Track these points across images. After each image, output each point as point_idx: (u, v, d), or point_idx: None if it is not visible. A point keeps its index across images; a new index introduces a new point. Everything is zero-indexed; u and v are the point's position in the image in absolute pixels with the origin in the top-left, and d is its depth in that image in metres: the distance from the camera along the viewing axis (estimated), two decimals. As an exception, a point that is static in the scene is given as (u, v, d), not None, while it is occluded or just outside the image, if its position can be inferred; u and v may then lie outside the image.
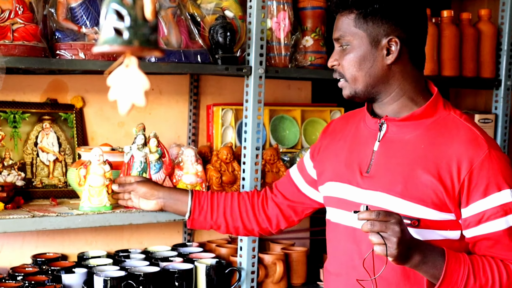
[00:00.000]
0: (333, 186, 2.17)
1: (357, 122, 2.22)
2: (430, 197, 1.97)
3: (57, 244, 3.05)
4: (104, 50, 0.98)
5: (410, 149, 2.04)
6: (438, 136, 2.04)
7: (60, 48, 2.58)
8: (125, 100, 0.98)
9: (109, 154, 2.79)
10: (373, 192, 2.04)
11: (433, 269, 1.88)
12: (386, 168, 2.05)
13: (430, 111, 2.07)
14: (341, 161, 2.17)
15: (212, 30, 2.82)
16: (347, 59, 2.06)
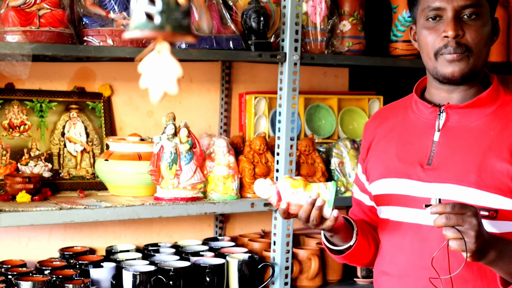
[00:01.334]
0: (387, 183, 2.08)
1: (402, 113, 2.14)
2: (508, 185, 1.91)
3: (85, 238, 3.08)
4: (135, 35, 0.98)
5: (478, 137, 1.97)
6: (507, 122, 1.99)
7: (88, 34, 2.59)
8: (157, 88, 0.99)
9: (138, 145, 2.81)
10: (441, 184, 1.95)
11: (509, 266, 1.84)
12: (454, 158, 1.98)
13: (493, 96, 2.02)
14: (391, 156, 2.08)
15: (245, 14, 2.81)
16: (479, 31, 1.96)
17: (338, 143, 3.16)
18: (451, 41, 1.94)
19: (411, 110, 2.10)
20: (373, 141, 2.20)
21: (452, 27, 1.93)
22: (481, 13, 1.97)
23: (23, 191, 2.61)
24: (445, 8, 1.96)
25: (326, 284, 3.09)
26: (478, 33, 1.96)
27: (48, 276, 2.57)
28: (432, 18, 1.99)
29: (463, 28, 1.95)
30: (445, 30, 1.94)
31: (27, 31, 2.45)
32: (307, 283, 3.01)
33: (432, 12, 1.98)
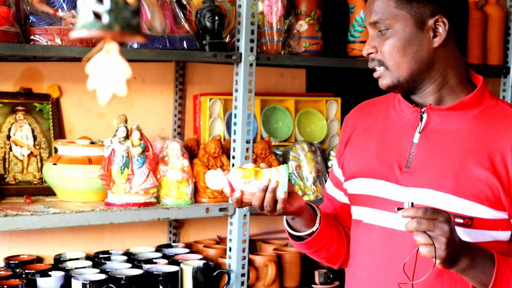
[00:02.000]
0: (364, 183, 2.08)
1: (384, 111, 2.14)
2: (485, 193, 1.92)
3: (32, 246, 3.05)
4: (82, 35, 0.97)
5: (458, 141, 1.98)
6: (489, 127, 2.00)
7: (35, 33, 2.57)
8: (105, 89, 0.98)
9: (88, 148, 2.80)
10: (417, 189, 1.96)
11: (481, 275, 1.84)
12: (432, 162, 1.98)
13: (477, 100, 2.02)
14: (371, 155, 2.07)
15: (199, 13, 2.81)
16: (389, 45, 1.98)
17: (295, 146, 3.17)
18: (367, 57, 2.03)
19: (394, 108, 2.10)
20: (351, 135, 2.20)
21: (365, 45, 2.01)
22: (392, 25, 1.97)
23: (-34, 197, 2.59)
24: (367, 25, 2.04)
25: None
26: (388, 46, 1.98)
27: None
28: None
29: (377, 43, 2.00)
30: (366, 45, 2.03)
31: (-30, 30, 2.43)
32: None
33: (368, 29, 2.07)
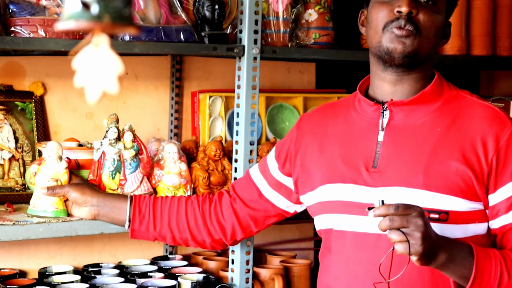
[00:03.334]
0: (331, 189, 2.15)
1: (343, 112, 2.24)
2: (458, 184, 2.01)
3: (14, 258, 3.05)
4: (69, 26, 0.97)
5: (424, 134, 2.08)
6: (454, 117, 2.11)
7: (16, 24, 2.57)
8: (95, 86, 0.98)
9: (75, 151, 2.80)
10: (388, 188, 2.05)
11: (461, 269, 1.91)
12: (400, 159, 2.07)
13: (438, 91, 2.14)
14: (335, 159, 2.17)
15: (198, 2, 2.81)
16: (432, 16, 2.08)
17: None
18: (403, 16, 2.04)
19: (354, 109, 2.20)
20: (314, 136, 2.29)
21: (406, 3, 2.03)
22: (438, 3, 2.10)
23: None
24: None
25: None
26: (431, 16, 2.08)
27: (-28, 303, 2.55)
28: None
29: (417, 8, 2.06)
30: (400, 5, 2.05)
31: None
32: (269, 306, 3.02)
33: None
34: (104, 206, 2.46)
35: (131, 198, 2.47)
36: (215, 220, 2.44)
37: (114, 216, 2.47)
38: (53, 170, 2.56)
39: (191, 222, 2.45)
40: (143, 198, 2.48)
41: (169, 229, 2.45)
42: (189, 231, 2.45)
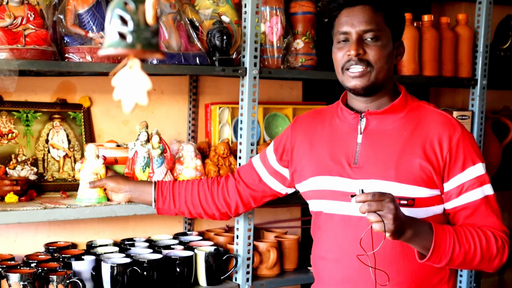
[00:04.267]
0: (321, 180, 2.17)
1: (329, 118, 2.24)
2: (421, 176, 2.03)
3: (67, 234, 3.05)
4: (109, 53, 0.97)
5: (394, 137, 2.08)
6: (416, 123, 2.12)
7: (69, 51, 2.57)
8: (129, 99, 0.98)
9: (114, 150, 2.80)
10: (366, 180, 2.06)
11: (423, 241, 1.93)
12: (375, 157, 2.07)
13: (404, 103, 2.15)
14: (324, 156, 2.17)
15: (210, 34, 2.81)
16: (378, 52, 2.07)
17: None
18: (353, 59, 2.06)
19: (337, 116, 2.21)
20: (305, 136, 2.30)
21: (354, 47, 2.06)
22: (381, 37, 2.09)
23: (11, 192, 2.59)
24: (350, 32, 2.09)
25: (283, 273, 3.09)
26: (378, 51, 2.08)
27: (34, 269, 2.54)
28: (342, 41, 2.12)
29: (364, 48, 2.07)
30: (349, 49, 2.07)
31: (14, 49, 2.43)
32: (266, 272, 3.01)
33: (341, 35, 2.12)
34: (135, 191, 2.49)
35: (155, 184, 2.50)
36: (222, 198, 2.46)
37: (143, 198, 2.50)
38: (93, 166, 2.57)
39: (202, 200, 2.46)
40: (164, 183, 2.51)
41: (185, 206, 2.47)
42: (201, 207, 2.47)
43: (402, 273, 2.04)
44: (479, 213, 2.05)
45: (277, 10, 2.95)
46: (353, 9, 2.09)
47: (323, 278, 2.18)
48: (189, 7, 2.88)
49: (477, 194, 2.05)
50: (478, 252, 1.97)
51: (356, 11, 2.08)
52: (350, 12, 2.09)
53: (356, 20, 2.07)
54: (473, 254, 1.97)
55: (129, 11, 0.96)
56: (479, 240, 1.98)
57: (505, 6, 4.00)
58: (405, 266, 2.04)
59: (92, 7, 2.65)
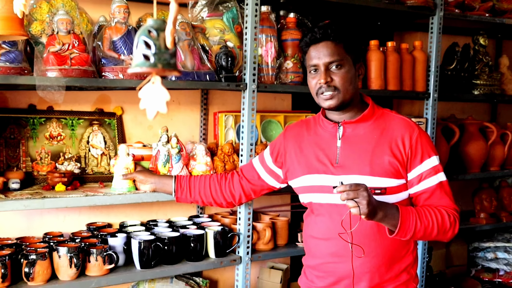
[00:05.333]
0: (311, 178, 2.17)
1: (313, 128, 2.24)
2: (390, 170, 2.04)
3: (104, 216, 3.05)
4: (136, 71, 0.97)
5: (367, 140, 2.09)
6: (383, 127, 2.12)
7: (105, 70, 2.58)
8: (152, 109, 0.98)
9: (141, 149, 2.80)
10: (347, 176, 2.06)
11: (392, 220, 1.94)
12: (352, 157, 2.08)
13: (372, 112, 2.15)
14: (311, 158, 2.18)
15: (217, 56, 2.81)
16: (343, 77, 2.08)
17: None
18: (323, 86, 2.08)
19: (320, 125, 2.21)
20: (294, 142, 2.29)
21: (323, 77, 2.07)
22: (343, 64, 2.09)
23: (60, 183, 2.60)
24: (318, 64, 2.10)
25: (276, 247, 3.09)
26: (342, 76, 2.09)
27: (79, 244, 2.55)
28: (313, 71, 2.12)
29: (331, 76, 2.08)
30: (319, 79, 2.08)
31: (62, 69, 2.44)
32: (263, 246, 3.00)
33: (312, 67, 2.12)
34: (159, 183, 2.48)
35: (175, 178, 2.48)
36: (228, 191, 2.45)
37: (165, 189, 2.48)
38: (124, 162, 2.58)
39: (213, 192, 2.45)
40: (182, 177, 2.49)
41: (199, 196, 2.46)
42: (212, 197, 2.46)
43: (377, 247, 2.05)
44: (435, 195, 2.07)
45: (271, 38, 2.95)
46: (318, 45, 2.09)
47: (314, 253, 2.18)
48: (201, 35, 2.88)
49: (433, 181, 2.07)
50: (435, 226, 1.99)
51: (320, 46, 2.09)
52: (316, 48, 2.10)
53: (322, 53, 2.08)
54: (431, 228, 1.98)
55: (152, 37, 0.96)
56: (436, 217, 2.00)
57: (451, 35, 4.01)
58: (379, 241, 2.05)
59: (123, 36, 2.65)
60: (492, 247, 4.06)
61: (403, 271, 2.09)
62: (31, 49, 2.56)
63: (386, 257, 2.06)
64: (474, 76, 3.78)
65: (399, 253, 2.09)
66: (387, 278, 2.06)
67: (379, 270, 2.05)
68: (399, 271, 2.08)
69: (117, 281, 2.55)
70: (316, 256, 2.18)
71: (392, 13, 3.32)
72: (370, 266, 2.05)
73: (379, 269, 2.05)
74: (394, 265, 2.07)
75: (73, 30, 2.56)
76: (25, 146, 2.78)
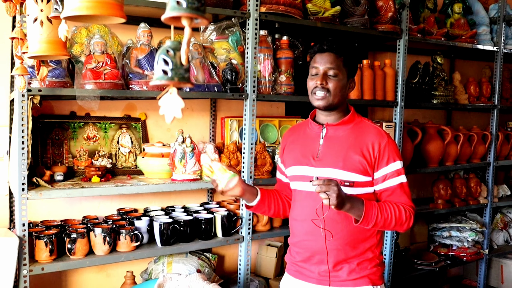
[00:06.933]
0: (296, 168, 2.15)
1: (303, 129, 2.22)
2: (359, 168, 2.01)
3: (131, 202, 3.03)
4: (156, 84, 0.95)
5: (344, 141, 2.07)
6: (359, 132, 2.09)
7: (132, 83, 2.57)
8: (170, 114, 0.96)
9: (161, 148, 2.78)
10: (324, 168, 2.04)
11: (358, 211, 1.91)
12: (330, 153, 2.06)
13: (351, 118, 2.12)
14: (298, 153, 2.15)
15: (224, 71, 2.79)
16: (336, 84, 2.05)
17: (279, 146, 3.14)
18: (318, 86, 2.05)
19: (308, 127, 2.19)
20: (286, 145, 2.26)
21: (320, 79, 2.05)
22: (339, 74, 2.06)
23: (95, 175, 2.59)
24: (319, 68, 2.07)
25: (272, 229, 3.07)
26: (335, 84, 2.05)
27: (111, 225, 2.54)
28: (313, 74, 2.09)
29: (327, 81, 2.05)
30: (317, 80, 2.05)
31: (97, 82, 2.43)
32: (261, 228, 2.99)
33: (313, 69, 2.09)
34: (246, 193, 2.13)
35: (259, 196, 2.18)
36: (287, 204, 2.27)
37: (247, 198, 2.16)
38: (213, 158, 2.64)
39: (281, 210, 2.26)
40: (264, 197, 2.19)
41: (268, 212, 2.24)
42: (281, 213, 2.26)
43: (342, 230, 2.02)
44: (396, 194, 2.03)
45: (268, 56, 2.93)
46: (323, 54, 2.07)
47: (295, 232, 2.17)
48: (210, 54, 2.87)
49: (395, 181, 2.03)
50: (393, 219, 1.97)
51: (325, 55, 2.07)
52: (321, 55, 2.08)
53: (324, 61, 2.06)
54: (390, 220, 1.96)
55: (170, 56, 0.94)
56: (394, 211, 1.97)
57: (414, 55, 4.01)
58: (345, 225, 2.02)
59: (147, 55, 2.64)
60: (447, 227, 4.06)
61: (367, 250, 2.07)
62: (73, 66, 2.55)
63: (351, 239, 2.04)
64: (433, 88, 3.77)
65: (363, 235, 2.06)
66: (352, 255, 2.04)
67: (344, 248, 2.03)
68: (363, 250, 2.06)
69: (142, 256, 2.54)
70: (295, 235, 2.16)
71: (367, 37, 3.31)
72: (337, 244, 2.02)
73: (344, 247, 2.03)
74: (359, 244, 2.05)
75: (106, 51, 2.55)
76: (67, 145, 2.77)
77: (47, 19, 1.35)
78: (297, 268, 2.14)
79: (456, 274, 4.59)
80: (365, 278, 2.03)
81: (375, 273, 2.07)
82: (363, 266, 2.05)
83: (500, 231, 4.43)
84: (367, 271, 2.04)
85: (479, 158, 4.05)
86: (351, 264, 2.03)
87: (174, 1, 0.89)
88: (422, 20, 3.73)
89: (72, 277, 2.86)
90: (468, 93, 4.08)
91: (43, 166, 2.62)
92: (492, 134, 4.07)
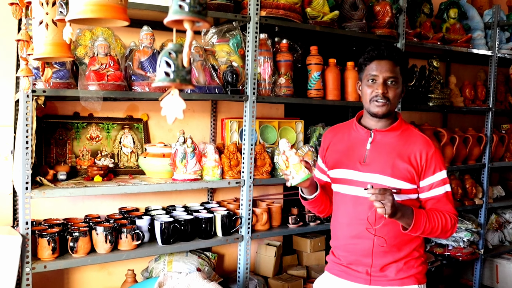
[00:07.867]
0: (341, 171, 2.11)
1: (347, 131, 2.16)
2: (407, 176, 2.01)
3: (133, 201, 3.03)
4: (159, 85, 0.96)
5: (392, 148, 2.05)
6: (406, 140, 2.07)
7: (134, 85, 2.57)
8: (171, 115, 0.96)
9: (163, 148, 2.78)
10: (370, 174, 2.02)
11: (407, 220, 1.91)
12: (378, 159, 2.03)
13: (400, 125, 2.10)
14: (343, 155, 2.12)
15: (224, 74, 2.80)
16: (395, 93, 2.04)
17: (278, 147, 3.15)
18: (379, 95, 2.02)
19: (353, 130, 2.15)
20: (330, 144, 2.22)
21: (381, 88, 2.02)
22: (397, 82, 2.05)
23: (97, 175, 2.59)
24: (378, 76, 2.04)
25: (271, 228, 3.07)
26: (395, 92, 2.04)
27: (112, 224, 2.54)
28: (371, 81, 2.06)
29: (387, 89, 2.03)
30: (377, 88, 2.03)
31: (100, 84, 2.44)
32: (260, 227, 2.99)
33: (370, 77, 2.05)
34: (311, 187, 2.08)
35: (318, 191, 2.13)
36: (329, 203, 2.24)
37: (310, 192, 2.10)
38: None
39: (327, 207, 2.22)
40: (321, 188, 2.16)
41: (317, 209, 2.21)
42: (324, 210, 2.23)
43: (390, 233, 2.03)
44: (441, 202, 2.03)
45: (268, 59, 2.93)
46: (381, 61, 2.04)
47: (338, 235, 2.14)
48: (211, 56, 2.87)
49: (441, 190, 2.03)
50: (440, 227, 1.97)
51: (383, 63, 2.04)
52: (379, 62, 2.04)
53: (384, 68, 2.03)
54: (436, 228, 1.97)
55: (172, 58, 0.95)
56: (441, 220, 1.98)
57: (411, 58, 4.00)
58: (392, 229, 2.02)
59: (149, 57, 2.64)
60: (444, 228, 4.05)
61: (413, 250, 2.08)
62: (76, 68, 2.56)
63: (397, 241, 2.04)
64: (429, 91, 3.77)
65: (409, 236, 2.06)
66: (400, 256, 2.05)
67: (391, 250, 2.04)
68: (410, 250, 2.07)
69: (143, 254, 2.54)
70: (339, 238, 2.14)
71: (365, 40, 3.31)
72: (384, 247, 2.03)
73: (391, 249, 2.03)
74: (405, 245, 2.06)
75: (110, 53, 2.55)
76: (70, 145, 2.77)
77: (52, 22, 1.36)
78: (342, 269, 2.13)
79: (451, 274, 4.59)
80: (412, 277, 2.05)
81: (421, 271, 2.08)
82: (410, 265, 2.06)
83: (495, 231, 4.44)
84: (413, 269, 2.06)
85: (474, 159, 4.06)
86: (398, 264, 2.04)
87: (177, 5, 0.90)
88: (418, 24, 3.74)
89: (74, 275, 2.87)
90: (464, 96, 4.09)
91: (47, 166, 2.62)
92: (487, 136, 4.08)
